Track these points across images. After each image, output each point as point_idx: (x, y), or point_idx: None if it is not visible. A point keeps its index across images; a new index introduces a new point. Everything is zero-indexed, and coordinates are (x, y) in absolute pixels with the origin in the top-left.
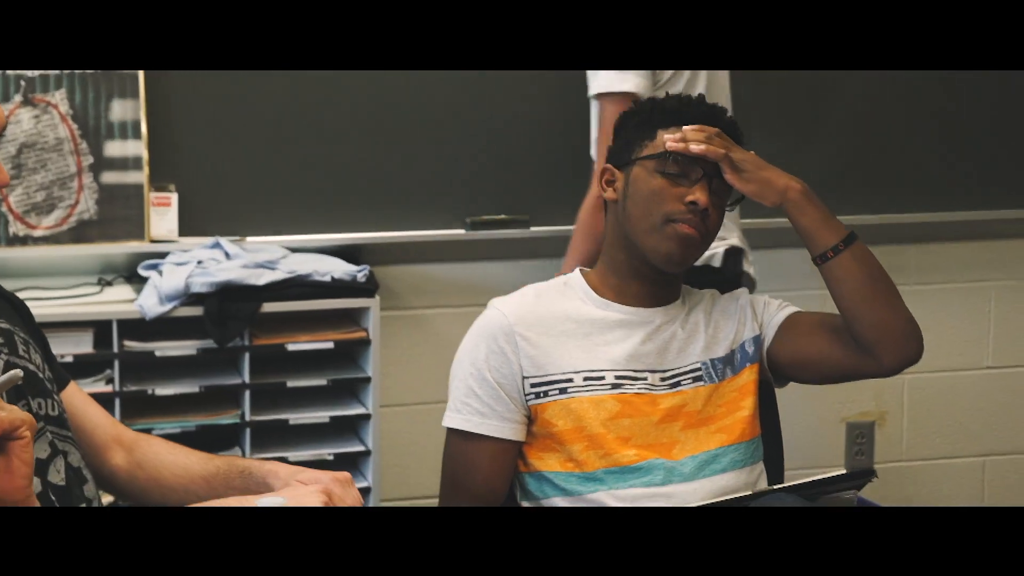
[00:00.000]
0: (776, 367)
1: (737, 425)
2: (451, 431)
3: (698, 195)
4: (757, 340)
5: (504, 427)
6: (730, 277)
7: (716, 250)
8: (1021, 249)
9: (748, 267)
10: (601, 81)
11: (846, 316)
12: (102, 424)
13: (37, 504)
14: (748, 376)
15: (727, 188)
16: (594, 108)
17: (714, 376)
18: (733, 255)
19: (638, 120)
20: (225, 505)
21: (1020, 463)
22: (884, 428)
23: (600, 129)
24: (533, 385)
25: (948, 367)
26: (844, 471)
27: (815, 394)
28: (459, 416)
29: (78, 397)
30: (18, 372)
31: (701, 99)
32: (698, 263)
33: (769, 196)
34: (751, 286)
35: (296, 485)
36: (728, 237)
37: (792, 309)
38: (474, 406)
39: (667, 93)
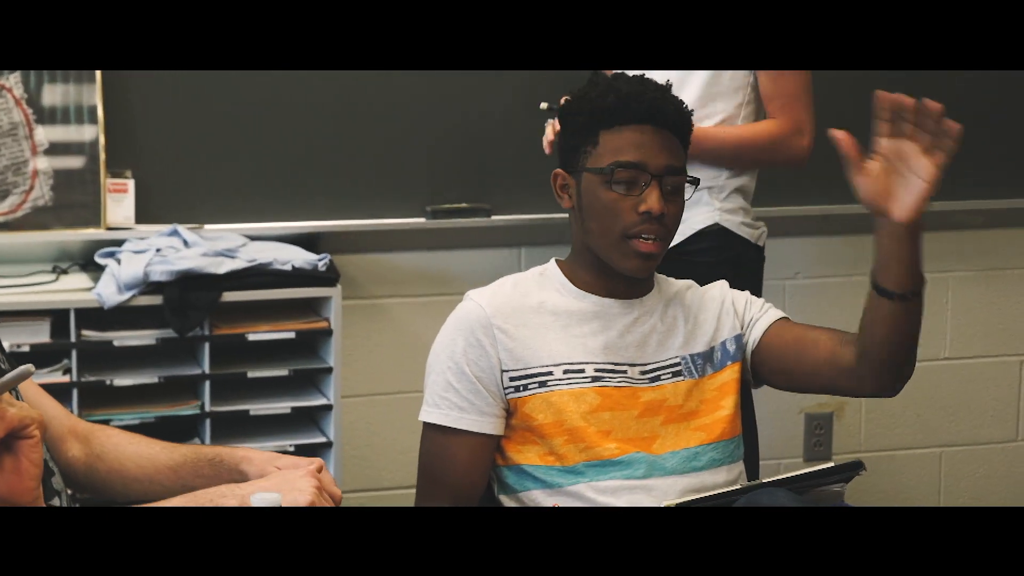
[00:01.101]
0: (757, 371)
1: (718, 424)
2: (428, 425)
3: (651, 204)
4: (739, 339)
5: (483, 421)
6: (721, 255)
7: (690, 227)
8: (978, 240)
9: (746, 231)
10: None
11: (866, 348)
12: (56, 416)
13: (43, 505)
14: (730, 375)
15: (682, 177)
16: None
17: (693, 371)
18: (715, 233)
19: (580, 121)
20: (210, 495)
21: (977, 454)
22: (842, 419)
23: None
24: (512, 379)
25: None
26: (832, 464)
27: None
28: (437, 411)
29: (31, 390)
30: (29, 367)
31: (645, 88)
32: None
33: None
34: (756, 251)
35: (279, 472)
36: (706, 215)
37: (777, 314)
38: (452, 400)
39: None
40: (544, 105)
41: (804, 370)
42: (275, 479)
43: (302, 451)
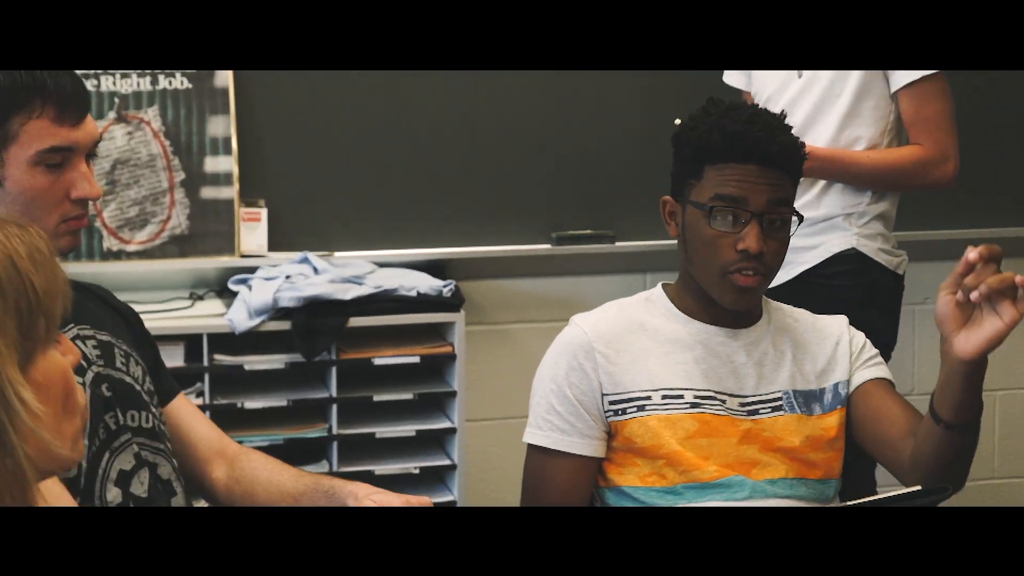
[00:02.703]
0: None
1: (823, 463)
2: (532, 447)
3: (749, 243)
4: (848, 384)
5: (584, 444)
6: (858, 280)
7: (819, 255)
8: None
9: (885, 258)
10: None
11: (916, 459)
12: (206, 437)
13: (82, 456)
14: (838, 419)
15: (787, 211)
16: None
17: (796, 407)
18: (851, 257)
19: (687, 154)
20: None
21: None
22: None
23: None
24: (612, 402)
25: None
26: (919, 488)
27: None
28: (540, 433)
29: (186, 409)
30: None
31: (751, 126)
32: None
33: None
34: (896, 279)
35: (372, 496)
36: (841, 239)
37: (882, 370)
38: (554, 423)
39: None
40: (678, 121)
41: (868, 439)
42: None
43: (426, 473)
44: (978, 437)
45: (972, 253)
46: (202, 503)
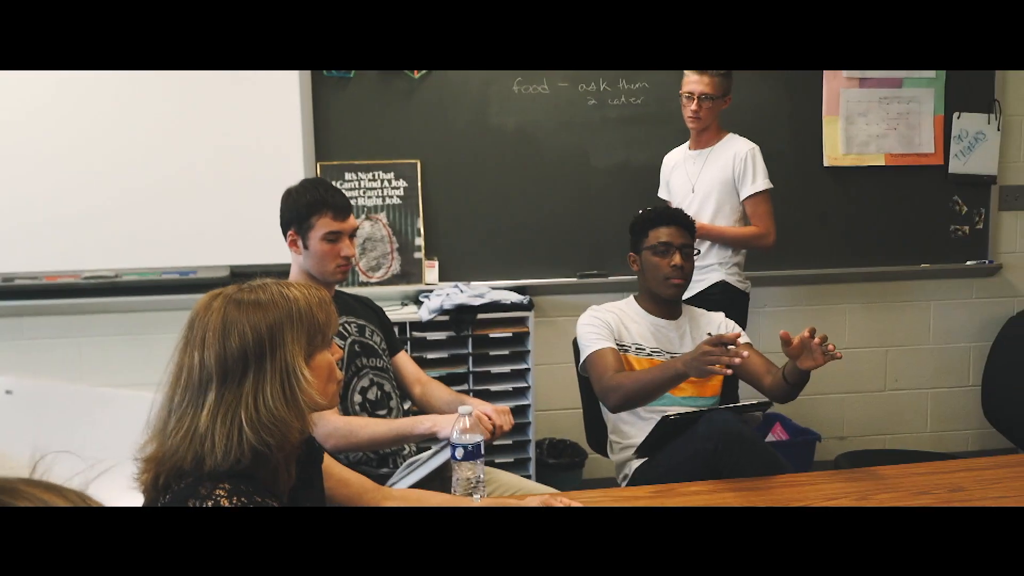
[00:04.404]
0: None
1: (711, 388)
2: (590, 356)
3: (676, 261)
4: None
5: (612, 342)
6: (725, 297)
7: (705, 284)
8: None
9: (739, 284)
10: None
11: (774, 390)
12: (413, 371)
13: (337, 403)
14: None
15: (689, 250)
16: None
17: None
18: (721, 285)
19: (639, 227)
20: (414, 419)
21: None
22: None
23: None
24: (616, 343)
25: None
26: (755, 401)
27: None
28: (591, 347)
29: (403, 358)
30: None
31: (669, 209)
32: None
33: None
34: (745, 296)
35: (478, 403)
36: (717, 276)
37: (746, 337)
38: (596, 338)
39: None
40: (639, 212)
41: (744, 374)
42: (471, 402)
43: (517, 389)
44: (801, 386)
45: (784, 333)
46: (408, 405)
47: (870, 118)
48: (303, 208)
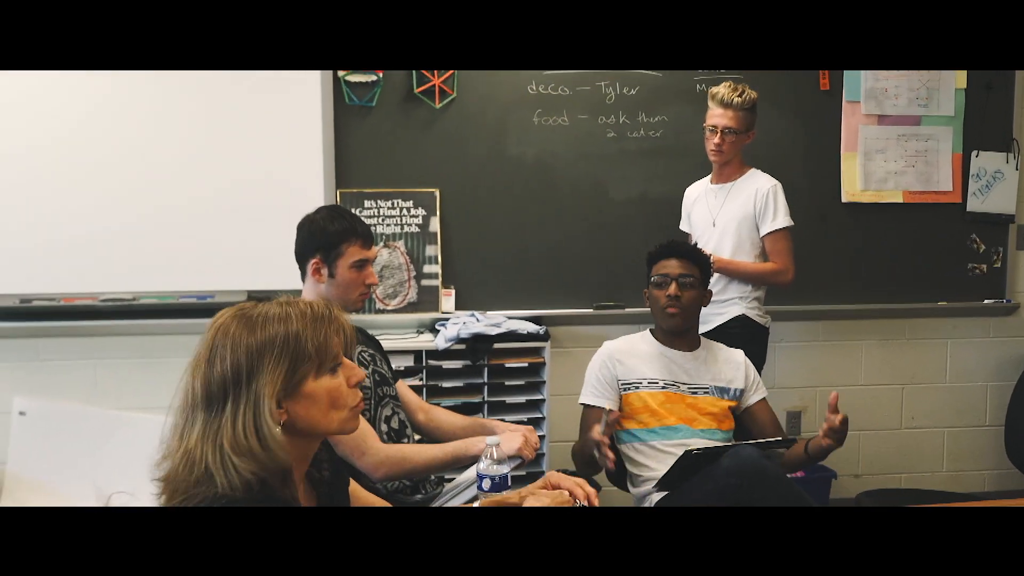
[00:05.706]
0: (735, 413)
1: (726, 421)
2: (584, 404)
3: (671, 291)
4: (742, 393)
5: (605, 401)
6: (745, 331)
7: (725, 317)
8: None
9: (759, 319)
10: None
11: (785, 461)
12: (414, 400)
13: (356, 427)
14: (730, 403)
15: (689, 280)
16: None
17: (714, 393)
18: (741, 319)
19: (648, 260)
20: (469, 441)
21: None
22: (806, 415)
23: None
24: (622, 383)
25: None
26: (780, 438)
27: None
28: (587, 397)
29: (402, 386)
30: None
31: (673, 244)
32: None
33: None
34: (764, 330)
35: (508, 429)
36: (737, 310)
37: (762, 390)
38: (592, 392)
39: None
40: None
41: (752, 433)
42: (505, 432)
43: (531, 421)
44: (814, 463)
45: (833, 414)
46: (416, 436)
47: (888, 155)
48: (333, 236)
